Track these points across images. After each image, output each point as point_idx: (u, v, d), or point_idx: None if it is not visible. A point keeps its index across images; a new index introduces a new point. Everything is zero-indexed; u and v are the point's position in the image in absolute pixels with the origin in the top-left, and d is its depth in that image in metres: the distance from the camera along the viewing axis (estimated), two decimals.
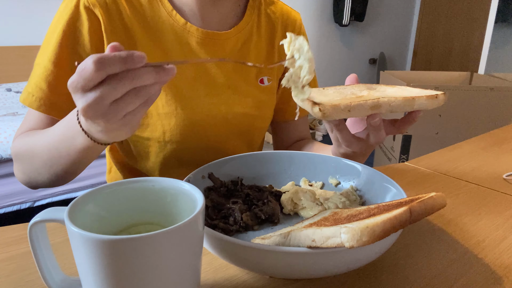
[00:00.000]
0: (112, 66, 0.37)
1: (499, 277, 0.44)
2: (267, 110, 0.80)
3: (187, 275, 0.34)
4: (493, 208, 0.61)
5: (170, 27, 0.70)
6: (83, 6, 0.64)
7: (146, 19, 0.68)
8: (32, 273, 0.44)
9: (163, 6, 0.70)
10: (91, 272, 0.30)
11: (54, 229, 0.51)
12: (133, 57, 0.37)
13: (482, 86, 2.00)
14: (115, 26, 0.66)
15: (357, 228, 0.32)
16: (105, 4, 0.65)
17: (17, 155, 0.66)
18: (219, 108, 0.73)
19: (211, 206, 0.51)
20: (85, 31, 0.64)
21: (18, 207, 1.91)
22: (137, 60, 0.38)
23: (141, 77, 0.39)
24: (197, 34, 0.71)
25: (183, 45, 0.70)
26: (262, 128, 0.82)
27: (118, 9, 0.66)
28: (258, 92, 0.78)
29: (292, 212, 0.54)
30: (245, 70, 0.76)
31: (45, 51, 0.64)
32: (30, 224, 0.34)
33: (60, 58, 0.64)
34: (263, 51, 0.79)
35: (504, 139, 0.98)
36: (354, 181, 0.59)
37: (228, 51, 0.74)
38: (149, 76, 0.39)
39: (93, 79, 0.38)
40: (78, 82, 0.39)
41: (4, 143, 1.77)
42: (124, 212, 0.39)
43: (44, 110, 0.64)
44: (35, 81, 0.64)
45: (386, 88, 0.58)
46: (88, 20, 0.64)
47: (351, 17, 3.84)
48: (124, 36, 0.66)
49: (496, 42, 3.49)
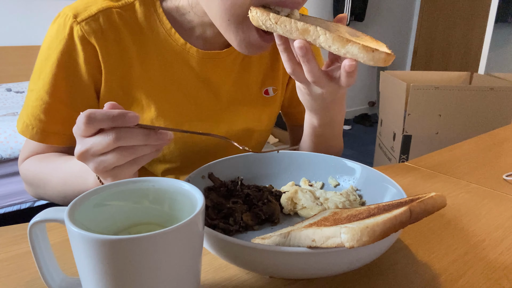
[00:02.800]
0: (101, 123, 0.41)
1: (499, 277, 0.44)
2: (269, 121, 0.79)
3: (187, 275, 0.34)
4: (493, 208, 0.61)
5: (169, 46, 0.67)
6: (77, 36, 0.61)
7: (144, 39, 0.65)
8: (32, 273, 0.44)
9: (161, 24, 0.66)
10: (91, 272, 0.30)
11: (54, 229, 0.51)
12: (125, 117, 0.41)
13: (482, 86, 2.00)
14: (112, 52, 0.63)
15: (357, 228, 0.32)
16: (101, 31, 0.62)
17: (28, 181, 0.69)
18: (219, 128, 0.72)
19: (211, 206, 0.51)
20: (81, 61, 0.62)
21: (18, 207, 1.91)
22: (129, 120, 0.41)
23: (126, 138, 0.42)
24: (197, 55, 0.68)
25: (183, 65, 0.68)
26: (262, 140, 0.81)
27: (115, 34, 0.63)
28: (262, 104, 0.76)
29: (292, 212, 0.54)
30: (248, 83, 0.74)
31: (39, 79, 0.63)
32: (30, 224, 0.34)
33: (56, 90, 0.63)
34: (266, 59, 0.76)
35: (504, 139, 0.98)
36: (354, 181, 0.59)
37: (229, 66, 0.72)
38: (136, 138, 0.42)
39: (85, 131, 0.42)
40: (75, 131, 0.43)
41: (4, 143, 1.77)
42: (124, 212, 0.39)
43: (46, 141, 0.66)
44: (32, 112, 0.64)
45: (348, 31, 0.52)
46: (84, 51, 0.61)
47: (351, 17, 3.84)
48: (120, 60, 0.64)
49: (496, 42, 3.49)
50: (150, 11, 0.65)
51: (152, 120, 0.67)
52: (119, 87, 0.65)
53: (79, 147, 0.44)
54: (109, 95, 0.65)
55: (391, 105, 2.29)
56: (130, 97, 0.66)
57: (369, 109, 4.55)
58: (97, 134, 0.42)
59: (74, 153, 0.45)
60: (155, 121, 0.67)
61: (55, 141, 0.66)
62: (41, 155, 0.68)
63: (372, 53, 0.44)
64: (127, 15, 0.64)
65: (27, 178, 0.68)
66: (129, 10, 0.64)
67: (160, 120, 0.67)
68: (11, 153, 1.77)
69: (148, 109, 0.67)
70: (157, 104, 0.67)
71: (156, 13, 0.65)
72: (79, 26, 0.61)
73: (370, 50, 0.44)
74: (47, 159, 0.66)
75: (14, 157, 1.79)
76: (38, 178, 0.65)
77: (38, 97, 0.63)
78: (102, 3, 0.63)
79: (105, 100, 0.66)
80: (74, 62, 0.62)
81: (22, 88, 2.48)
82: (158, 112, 0.67)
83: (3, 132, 1.80)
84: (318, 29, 0.46)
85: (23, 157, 0.70)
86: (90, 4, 0.63)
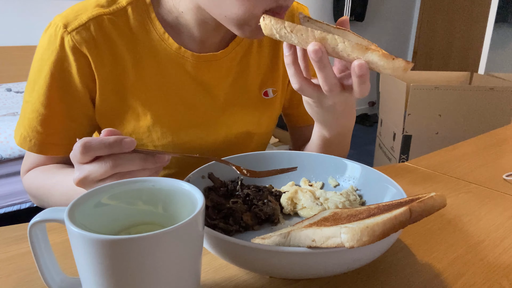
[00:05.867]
0: (97, 151, 0.42)
1: (499, 277, 0.44)
2: (269, 123, 0.78)
3: (187, 275, 0.34)
4: (493, 208, 0.61)
5: (163, 51, 0.65)
6: (68, 47, 0.60)
7: (138, 45, 0.64)
8: (32, 273, 0.44)
9: (154, 29, 0.64)
10: (91, 272, 0.30)
11: (54, 229, 0.51)
12: (121, 143, 0.42)
13: (482, 86, 2.00)
14: (105, 60, 0.62)
15: (357, 228, 0.32)
16: (93, 39, 0.61)
17: (32, 194, 0.69)
18: (217, 133, 0.71)
19: (211, 206, 0.51)
20: (74, 71, 0.61)
21: (18, 207, 1.91)
22: (126, 146, 0.42)
23: (124, 164, 0.43)
24: (192, 59, 0.66)
25: (178, 70, 0.66)
26: (263, 143, 0.80)
27: (107, 42, 0.62)
28: (261, 106, 0.75)
29: (292, 212, 0.54)
30: (247, 85, 0.73)
31: (34, 90, 0.63)
32: (30, 224, 0.34)
33: (51, 101, 0.62)
34: (265, 60, 0.74)
35: (504, 139, 0.98)
36: (354, 181, 0.59)
37: (226, 68, 0.70)
38: (134, 163, 0.43)
39: (81, 159, 0.43)
40: (72, 158, 0.44)
41: (4, 143, 1.77)
42: (124, 212, 0.39)
43: (44, 152, 0.66)
44: (29, 124, 0.64)
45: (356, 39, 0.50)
46: (76, 61, 0.61)
47: (351, 17, 3.84)
48: (114, 68, 0.63)
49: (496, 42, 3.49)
50: (143, 16, 0.64)
51: (148, 128, 0.66)
52: (114, 95, 0.65)
53: (77, 174, 0.44)
54: (104, 104, 0.65)
55: (391, 105, 2.29)
56: (126, 105, 0.65)
57: (369, 109, 4.55)
58: (95, 161, 0.43)
59: (73, 179, 0.45)
60: (151, 129, 0.66)
61: (54, 152, 0.66)
62: (43, 167, 0.68)
63: (392, 61, 0.43)
64: (119, 21, 0.63)
65: (31, 190, 0.69)
66: (122, 15, 0.63)
67: (157, 127, 0.66)
68: (11, 153, 1.77)
69: (144, 117, 0.66)
70: (153, 111, 0.66)
71: (149, 18, 0.64)
72: (70, 36, 0.60)
73: (390, 57, 0.43)
74: (49, 172, 0.65)
75: (14, 157, 1.79)
76: (41, 192, 0.65)
77: (34, 109, 0.63)
78: (92, 11, 0.61)
79: (101, 109, 0.65)
80: (67, 73, 0.62)
81: (22, 88, 2.48)
82: (154, 119, 0.66)
83: (3, 132, 1.80)
84: (336, 37, 0.44)
85: (25, 169, 0.70)
86: (81, 12, 0.61)
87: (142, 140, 0.68)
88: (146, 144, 0.68)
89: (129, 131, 0.67)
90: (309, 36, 0.45)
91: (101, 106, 0.65)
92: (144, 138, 0.67)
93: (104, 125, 0.68)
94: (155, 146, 0.68)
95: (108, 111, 0.66)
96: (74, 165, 0.45)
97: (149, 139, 0.67)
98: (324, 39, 0.44)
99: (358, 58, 0.44)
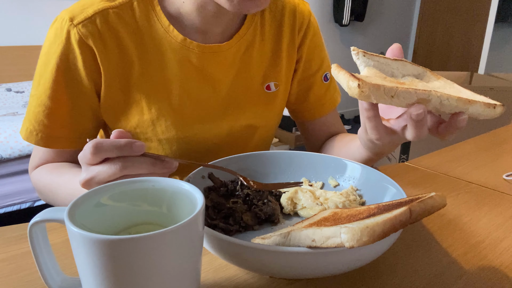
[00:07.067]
0: (108, 152, 0.42)
1: (499, 277, 0.44)
2: (273, 117, 0.78)
3: (187, 275, 0.34)
4: (493, 208, 0.61)
5: (168, 44, 0.65)
6: (74, 40, 0.61)
7: (143, 38, 0.65)
8: (32, 273, 0.44)
9: (159, 21, 0.65)
10: (91, 272, 0.30)
11: (54, 229, 0.51)
12: (132, 146, 0.42)
13: (482, 86, 2.00)
14: (111, 53, 0.63)
15: (357, 228, 0.32)
16: (98, 32, 0.61)
17: (39, 190, 0.70)
18: (221, 126, 0.72)
19: (211, 206, 0.51)
20: (80, 65, 0.62)
21: (18, 207, 1.91)
22: (136, 150, 0.43)
23: (132, 167, 0.43)
24: (198, 50, 0.67)
25: (183, 62, 0.67)
26: (267, 137, 0.80)
27: (113, 34, 0.63)
28: (264, 100, 0.75)
29: (292, 212, 0.54)
30: (249, 78, 0.73)
31: (40, 84, 0.63)
32: (30, 224, 0.34)
33: (57, 94, 0.63)
34: (267, 54, 0.74)
35: (504, 139, 0.98)
36: (354, 181, 0.59)
37: (230, 61, 0.70)
38: (142, 167, 0.43)
39: (91, 160, 0.43)
40: (81, 158, 0.44)
41: (4, 143, 1.77)
42: (124, 212, 0.39)
43: (51, 146, 0.66)
44: (35, 118, 0.64)
45: (432, 78, 0.51)
46: (82, 54, 0.61)
47: (351, 17, 3.84)
48: (119, 61, 0.64)
49: (496, 42, 3.49)
50: (148, 9, 0.65)
51: (153, 121, 0.67)
52: (119, 89, 0.65)
53: (84, 175, 0.44)
54: (109, 97, 0.65)
55: None
56: (130, 98, 0.66)
57: None
58: (103, 163, 0.43)
59: (79, 180, 0.45)
60: (156, 122, 0.67)
61: (60, 145, 0.66)
62: (51, 164, 0.68)
63: (494, 109, 0.44)
64: (125, 15, 0.64)
65: (38, 187, 0.69)
66: (127, 9, 0.64)
67: (161, 121, 0.67)
68: (11, 153, 1.78)
69: (149, 111, 0.66)
70: (157, 104, 0.66)
71: (154, 11, 0.65)
72: (76, 29, 0.60)
73: (492, 106, 0.44)
74: (57, 171, 0.66)
75: (14, 157, 1.79)
76: (48, 189, 0.66)
77: (40, 103, 0.63)
78: (98, 5, 0.62)
79: (106, 102, 0.66)
80: (73, 66, 0.62)
81: (22, 88, 2.48)
82: (158, 113, 0.67)
83: (3, 132, 1.80)
84: (439, 95, 0.43)
85: (33, 165, 0.70)
86: (86, 6, 0.62)
87: (147, 133, 0.68)
88: (151, 137, 0.68)
89: (134, 124, 0.67)
90: (412, 98, 0.42)
91: (106, 99, 0.65)
92: (149, 131, 0.68)
93: (108, 118, 0.68)
94: (159, 140, 0.69)
95: (113, 104, 0.66)
96: (82, 166, 0.45)
97: (153, 133, 0.68)
98: (426, 100, 0.43)
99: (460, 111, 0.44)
